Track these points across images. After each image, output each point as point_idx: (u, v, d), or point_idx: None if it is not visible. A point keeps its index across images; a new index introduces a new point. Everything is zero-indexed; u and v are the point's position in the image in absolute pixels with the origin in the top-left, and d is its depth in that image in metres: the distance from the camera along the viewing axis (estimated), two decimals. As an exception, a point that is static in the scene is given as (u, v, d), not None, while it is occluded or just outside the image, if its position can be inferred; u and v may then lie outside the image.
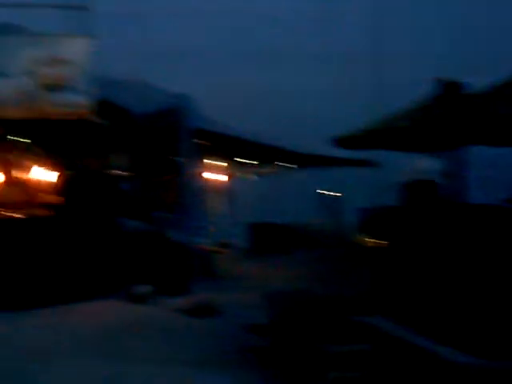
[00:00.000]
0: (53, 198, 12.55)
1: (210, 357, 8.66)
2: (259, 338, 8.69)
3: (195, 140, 13.41)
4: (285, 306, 8.29)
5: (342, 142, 11.69)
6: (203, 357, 8.66)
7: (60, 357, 8.52)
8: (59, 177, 13.38)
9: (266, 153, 19.02)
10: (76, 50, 13.82)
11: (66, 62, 13.70)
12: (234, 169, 22.06)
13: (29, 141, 13.62)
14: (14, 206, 12.30)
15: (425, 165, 11.34)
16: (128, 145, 16.43)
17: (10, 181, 12.79)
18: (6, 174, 12.92)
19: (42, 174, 12.50)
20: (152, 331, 9.74)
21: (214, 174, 20.65)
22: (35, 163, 13.18)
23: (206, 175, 19.15)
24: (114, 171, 14.54)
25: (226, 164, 21.12)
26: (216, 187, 20.50)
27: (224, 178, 21.79)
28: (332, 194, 18.74)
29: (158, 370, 8.08)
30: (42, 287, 11.43)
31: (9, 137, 13.49)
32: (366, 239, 12.46)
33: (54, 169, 13.09)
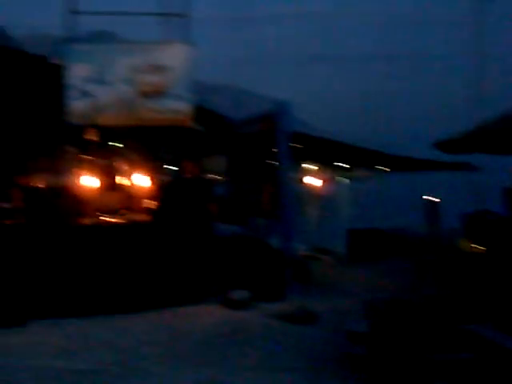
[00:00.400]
0: (151, 203, 12.70)
1: (307, 363, 8.63)
2: (357, 345, 8.57)
3: (292, 144, 13.36)
4: (386, 314, 8.17)
5: (442, 145, 11.53)
6: (300, 363, 8.64)
7: (160, 361, 8.69)
8: (156, 182, 13.55)
9: (362, 156, 18.89)
10: (175, 56, 14.03)
11: (165, 69, 13.92)
12: (329, 173, 21.96)
13: (126, 146, 13.81)
14: (114, 211, 12.50)
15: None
16: (224, 150, 16.53)
17: (111, 186, 13.00)
18: (107, 179, 13.14)
19: (140, 180, 12.66)
20: (249, 337, 9.80)
21: (310, 178, 20.60)
22: (134, 169, 13.38)
23: (303, 179, 19.11)
24: (210, 176, 14.64)
25: (321, 168, 21.05)
26: (312, 192, 20.42)
27: (319, 182, 21.66)
28: (431, 198, 18.42)
29: (255, 376, 8.12)
30: (139, 291, 11.66)
31: (109, 143, 13.74)
32: (469, 245, 12.19)
33: (152, 174, 13.27)
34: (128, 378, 7.97)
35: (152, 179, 13.05)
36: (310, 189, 20.46)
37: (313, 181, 21.05)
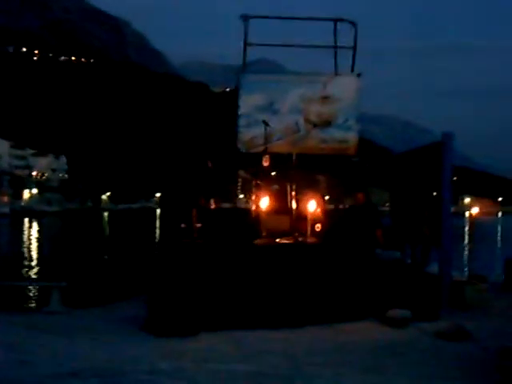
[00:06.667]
0: (320, 227, 13.31)
1: (461, 374, 9.03)
2: (510, 360, 8.91)
3: (452, 177, 13.68)
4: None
5: None
6: (454, 373, 9.05)
7: (326, 367, 9.35)
8: (324, 208, 14.17)
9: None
10: (343, 87, 14.56)
11: (334, 100, 14.49)
12: (488, 205, 21.93)
13: (295, 173, 14.40)
14: (286, 234, 13.20)
15: None
16: (384, 180, 16.99)
17: (283, 210, 13.66)
18: (279, 203, 13.82)
19: (310, 205, 13.27)
20: (406, 350, 10.32)
21: (469, 210, 20.73)
22: (303, 194, 13.99)
23: (462, 211, 19.24)
24: (374, 205, 15.13)
25: (480, 201, 21.11)
26: (471, 223, 20.48)
27: (478, 214, 21.70)
28: None
29: (413, 383, 8.66)
30: (304, 307, 12.41)
31: (280, 169, 14.42)
32: None
33: (319, 200, 13.81)
34: (297, 379, 8.66)
35: (319, 205, 13.62)
36: (468, 220, 20.52)
37: (471, 212, 21.14)
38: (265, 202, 13.35)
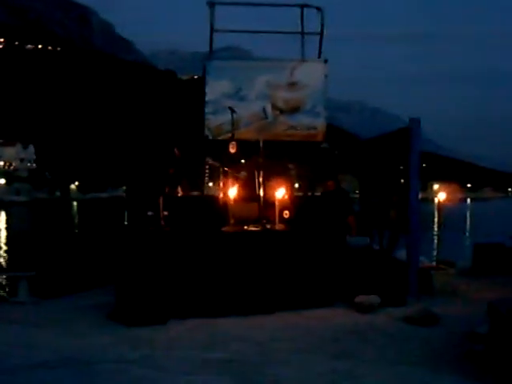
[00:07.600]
0: (288, 214, 13.33)
1: (429, 359, 9.14)
2: (478, 345, 9.02)
3: (421, 162, 13.78)
4: (507, 315, 8.48)
5: None
6: (422, 358, 9.16)
7: (296, 353, 9.43)
8: (293, 195, 14.20)
9: (490, 176, 18.97)
10: (310, 73, 14.59)
11: (301, 86, 14.52)
12: (456, 191, 22.12)
13: (262, 160, 14.41)
14: (254, 221, 13.18)
15: None
16: (353, 166, 17.08)
17: (251, 197, 13.65)
18: (247, 190, 13.81)
19: (279, 192, 13.26)
20: (375, 335, 10.45)
21: (438, 195, 20.83)
22: (272, 181, 14.00)
23: (431, 197, 19.41)
24: (346, 192, 15.22)
25: (448, 186, 21.28)
26: (439, 209, 20.64)
27: (447, 200, 21.85)
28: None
29: (382, 367, 8.71)
30: (273, 294, 12.41)
31: (249, 156, 14.41)
32: None
33: (287, 187, 13.82)
34: (268, 365, 8.73)
35: (288, 191, 13.63)
36: (437, 206, 20.69)
37: (440, 198, 21.28)
38: (233, 190, 13.32)
